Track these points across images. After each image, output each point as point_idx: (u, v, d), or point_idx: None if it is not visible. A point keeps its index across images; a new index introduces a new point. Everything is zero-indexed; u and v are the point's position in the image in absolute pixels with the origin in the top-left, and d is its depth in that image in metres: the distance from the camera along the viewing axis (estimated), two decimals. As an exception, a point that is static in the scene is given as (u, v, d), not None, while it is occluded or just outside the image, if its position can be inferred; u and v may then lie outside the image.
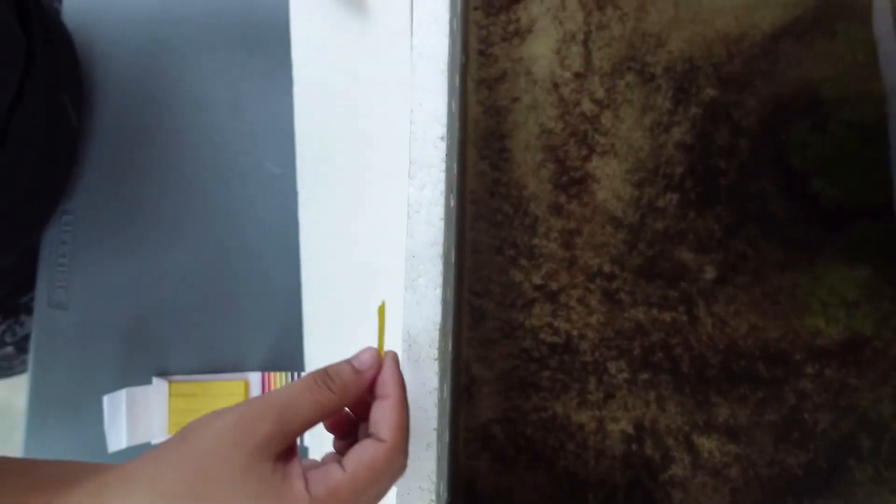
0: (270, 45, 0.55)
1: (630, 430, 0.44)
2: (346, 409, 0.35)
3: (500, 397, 0.45)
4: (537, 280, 0.45)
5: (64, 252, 0.56)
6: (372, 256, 0.51)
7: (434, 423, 0.39)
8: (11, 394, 1.05)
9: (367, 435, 0.32)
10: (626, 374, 0.44)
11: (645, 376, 0.44)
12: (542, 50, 0.47)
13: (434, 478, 0.38)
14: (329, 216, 0.52)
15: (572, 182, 0.46)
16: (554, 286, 0.45)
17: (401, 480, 0.38)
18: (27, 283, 0.60)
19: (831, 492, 0.41)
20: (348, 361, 0.33)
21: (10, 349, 0.64)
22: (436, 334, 0.39)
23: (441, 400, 0.39)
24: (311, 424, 0.31)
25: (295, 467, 0.30)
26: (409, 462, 0.39)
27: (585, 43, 0.46)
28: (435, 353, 0.39)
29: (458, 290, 0.45)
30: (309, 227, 0.52)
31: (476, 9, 0.47)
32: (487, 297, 0.45)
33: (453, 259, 0.43)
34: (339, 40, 0.52)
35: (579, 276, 0.45)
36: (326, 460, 0.33)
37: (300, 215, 0.52)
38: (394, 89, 0.51)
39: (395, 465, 0.31)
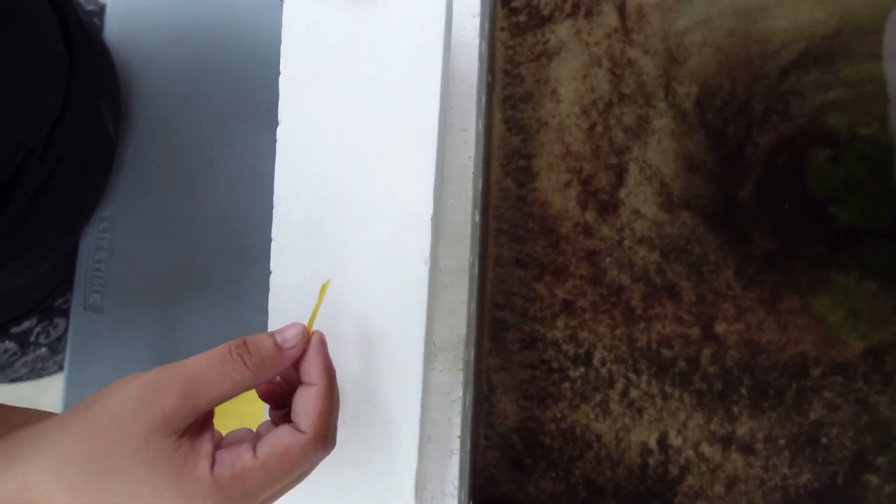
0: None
1: (649, 441, 0.44)
2: (279, 377, 0.32)
3: (520, 406, 0.46)
4: (560, 293, 0.46)
5: (101, 258, 0.57)
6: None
7: (458, 431, 0.40)
8: (40, 393, 1.08)
9: (288, 420, 0.30)
10: (646, 387, 0.45)
11: (666, 389, 0.45)
12: (569, 73, 0.48)
13: (457, 483, 0.39)
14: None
15: (599, 203, 0.47)
16: (577, 300, 0.46)
17: (425, 486, 0.39)
18: (61, 286, 0.62)
19: (847, 507, 0.42)
20: (271, 335, 0.30)
21: (44, 350, 0.66)
22: (461, 346, 0.40)
23: (464, 409, 0.41)
24: (221, 400, 0.28)
25: (203, 445, 0.28)
26: (434, 468, 0.40)
27: (613, 70, 0.47)
28: (460, 363, 0.40)
29: (481, 302, 0.46)
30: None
31: (502, 30, 0.49)
32: (509, 308, 0.47)
33: (477, 272, 0.45)
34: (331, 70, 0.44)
35: (604, 292, 0.46)
36: (260, 431, 0.31)
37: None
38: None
39: (310, 457, 0.29)
